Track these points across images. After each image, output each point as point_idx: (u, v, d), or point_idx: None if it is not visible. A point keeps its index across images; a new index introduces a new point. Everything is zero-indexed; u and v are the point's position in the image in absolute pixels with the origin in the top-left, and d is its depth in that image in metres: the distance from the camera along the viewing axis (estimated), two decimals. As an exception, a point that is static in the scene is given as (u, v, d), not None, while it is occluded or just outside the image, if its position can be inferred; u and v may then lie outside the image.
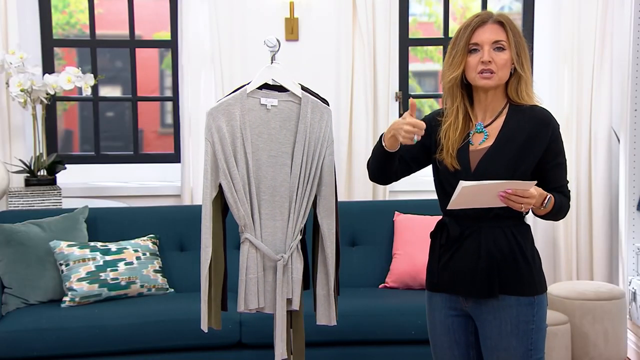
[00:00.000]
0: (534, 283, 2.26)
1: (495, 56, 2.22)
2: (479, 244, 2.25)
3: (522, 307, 2.24)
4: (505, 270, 2.24)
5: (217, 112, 2.64)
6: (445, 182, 2.31)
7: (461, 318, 2.34)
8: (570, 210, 4.40)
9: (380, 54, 4.37)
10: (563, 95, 4.43)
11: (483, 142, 2.27)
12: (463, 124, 2.29)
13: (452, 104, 2.30)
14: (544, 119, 2.27)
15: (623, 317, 3.84)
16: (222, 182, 2.64)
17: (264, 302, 2.69)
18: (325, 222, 2.74)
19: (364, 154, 4.33)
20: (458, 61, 2.25)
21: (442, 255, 2.32)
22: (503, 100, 2.30)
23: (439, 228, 2.35)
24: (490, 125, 2.29)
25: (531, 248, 2.30)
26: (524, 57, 2.26)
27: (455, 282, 2.30)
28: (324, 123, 2.73)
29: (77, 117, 4.88)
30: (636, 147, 4.05)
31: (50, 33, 4.54)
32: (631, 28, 3.98)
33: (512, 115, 2.27)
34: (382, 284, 3.81)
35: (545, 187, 2.27)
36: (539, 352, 2.27)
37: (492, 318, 2.25)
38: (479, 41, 2.23)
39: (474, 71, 2.24)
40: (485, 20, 2.24)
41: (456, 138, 2.27)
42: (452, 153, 2.27)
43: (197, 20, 4.33)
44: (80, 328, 3.28)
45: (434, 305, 2.38)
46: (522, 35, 2.28)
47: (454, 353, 2.36)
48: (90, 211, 3.79)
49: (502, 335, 2.24)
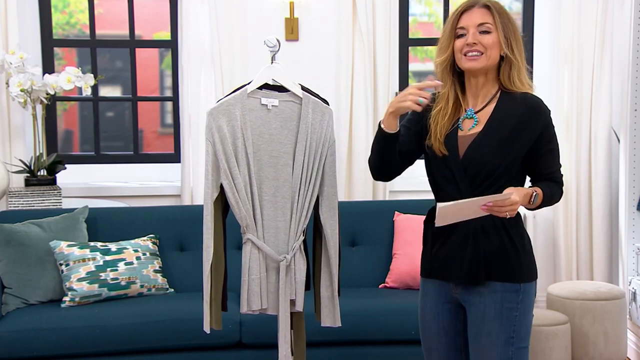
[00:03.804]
0: (522, 270, 2.28)
1: (481, 38, 2.22)
2: (468, 232, 2.27)
3: (507, 293, 2.26)
4: (493, 257, 2.26)
5: (218, 112, 2.63)
6: (434, 169, 2.32)
7: (451, 305, 2.37)
8: (570, 210, 4.47)
9: (380, 54, 4.38)
10: (563, 95, 4.43)
11: (472, 127, 2.28)
12: (453, 109, 2.30)
13: (443, 89, 2.32)
14: (534, 106, 2.26)
15: (623, 317, 3.84)
16: (224, 182, 2.63)
17: (266, 303, 2.69)
18: (328, 222, 2.74)
19: (364, 154, 4.33)
20: (445, 45, 2.27)
21: (435, 242, 2.35)
22: (495, 87, 2.30)
23: (430, 215, 2.38)
24: (481, 111, 2.29)
25: (521, 236, 2.30)
26: (515, 40, 2.25)
27: (446, 269, 2.33)
28: (325, 123, 2.72)
29: (77, 117, 4.88)
30: (636, 147, 4.05)
31: (50, 33, 4.55)
32: (631, 28, 3.98)
33: (503, 102, 2.27)
34: (382, 284, 3.81)
35: (538, 174, 2.31)
36: (522, 340, 2.29)
37: (477, 302, 2.28)
38: (464, 25, 2.24)
39: (460, 53, 2.25)
40: (473, 5, 2.25)
41: (444, 123, 2.28)
42: (440, 138, 2.28)
43: (197, 20, 4.33)
44: (80, 328, 3.28)
45: (426, 291, 2.42)
46: (512, 20, 2.26)
47: (441, 339, 2.39)
48: (90, 211, 3.79)
49: (485, 320, 2.27)
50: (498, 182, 2.23)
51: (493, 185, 2.23)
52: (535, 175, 2.33)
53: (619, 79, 4.29)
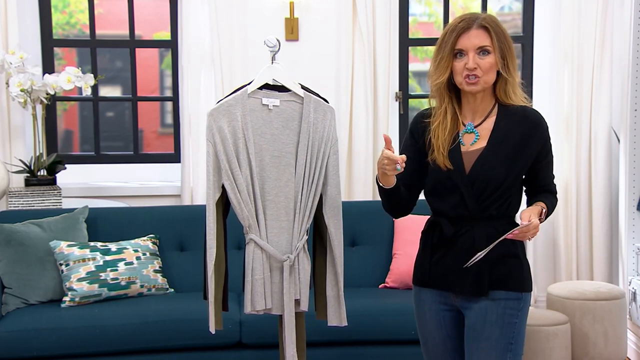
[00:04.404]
0: (523, 280, 2.32)
1: (480, 61, 2.25)
2: (473, 243, 2.28)
3: (509, 301, 2.29)
4: (497, 267, 2.29)
5: (218, 112, 2.63)
6: (437, 183, 2.33)
7: (452, 312, 2.38)
8: (570, 210, 4.47)
9: (380, 54, 4.37)
10: (563, 95, 4.43)
11: (475, 142, 2.31)
12: (452, 124, 2.32)
13: (441, 106, 2.34)
14: (535, 120, 2.32)
15: (623, 317, 3.84)
16: (225, 183, 2.63)
17: (271, 303, 2.69)
18: (332, 222, 2.73)
19: (364, 154, 4.33)
20: (444, 66, 2.29)
21: (435, 252, 2.36)
22: (491, 101, 2.34)
23: (430, 227, 2.39)
24: (481, 125, 2.33)
25: (522, 246, 2.35)
26: (510, 59, 2.29)
27: (447, 279, 2.34)
28: (328, 122, 2.72)
29: (77, 117, 4.88)
30: (636, 147, 4.05)
31: (50, 33, 4.54)
32: (631, 28, 3.98)
33: (503, 116, 2.31)
34: (382, 284, 3.81)
35: (535, 185, 2.37)
36: (519, 348, 2.32)
37: (478, 308, 2.30)
38: (463, 47, 2.26)
39: (460, 76, 2.28)
40: (471, 25, 2.26)
41: (446, 137, 2.31)
42: (444, 152, 2.30)
43: (197, 20, 4.33)
44: (80, 328, 3.28)
45: (423, 300, 2.43)
46: (507, 37, 2.30)
47: (446, 347, 2.40)
48: (90, 211, 3.79)
49: (486, 325, 2.28)
50: (504, 195, 2.27)
51: (499, 199, 2.26)
52: (532, 186, 2.38)
53: (619, 79, 4.29)
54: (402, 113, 4.59)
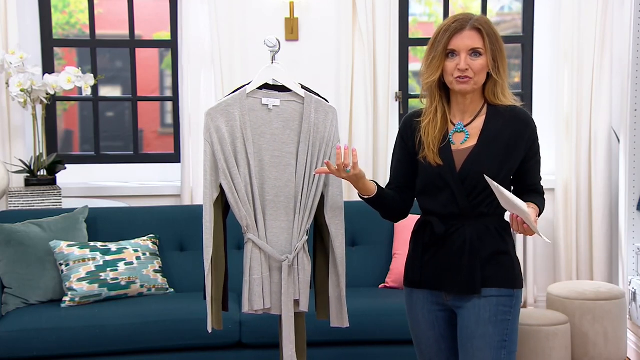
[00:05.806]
0: (515, 277, 2.34)
1: (471, 62, 2.27)
2: (464, 240, 2.30)
3: (502, 298, 2.30)
4: (489, 265, 2.30)
5: (216, 112, 2.63)
6: (428, 181, 2.35)
7: (445, 312, 2.38)
8: (570, 210, 4.47)
9: (380, 54, 4.38)
10: (563, 95, 4.43)
11: (465, 141, 2.33)
12: (442, 122, 2.34)
13: (431, 105, 2.37)
14: (524, 120, 2.34)
15: (623, 317, 3.84)
16: (223, 183, 2.63)
17: (269, 303, 2.68)
18: (334, 222, 2.73)
19: (364, 154, 4.33)
20: (436, 65, 2.30)
21: (425, 252, 2.37)
22: (481, 101, 2.36)
23: (421, 227, 2.40)
24: (470, 124, 2.35)
25: (512, 243, 2.37)
26: (501, 61, 2.30)
27: (439, 279, 2.35)
28: (329, 122, 2.71)
29: (77, 117, 4.88)
30: (636, 147, 4.05)
31: (50, 33, 4.54)
32: (631, 28, 3.98)
33: (493, 116, 2.33)
34: (382, 284, 3.81)
35: (523, 185, 2.39)
36: (513, 345, 2.32)
37: (471, 307, 2.30)
38: (456, 48, 2.28)
39: (451, 76, 2.30)
40: (464, 26, 2.28)
41: (436, 135, 2.33)
42: (434, 149, 2.32)
43: (197, 20, 4.33)
44: (80, 328, 3.28)
45: (415, 301, 2.43)
46: (499, 39, 2.31)
47: (440, 347, 2.41)
48: (90, 211, 3.79)
49: (479, 323, 2.29)
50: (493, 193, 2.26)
51: (490, 196, 2.27)
52: (520, 186, 2.39)
53: (619, 79, 4.29)
54: (402, 113, 4.59)
